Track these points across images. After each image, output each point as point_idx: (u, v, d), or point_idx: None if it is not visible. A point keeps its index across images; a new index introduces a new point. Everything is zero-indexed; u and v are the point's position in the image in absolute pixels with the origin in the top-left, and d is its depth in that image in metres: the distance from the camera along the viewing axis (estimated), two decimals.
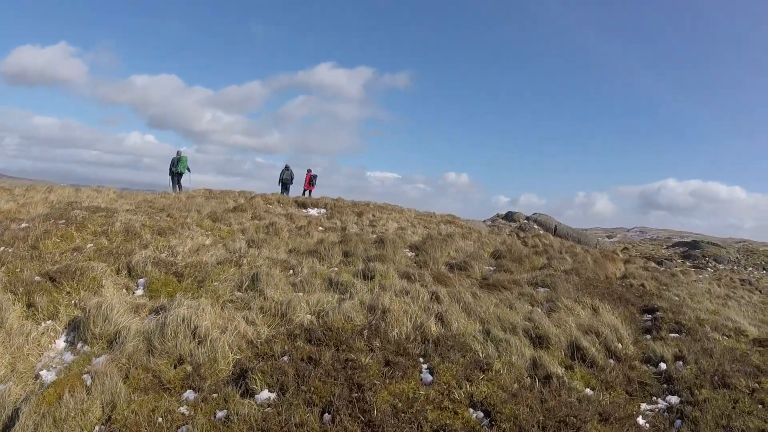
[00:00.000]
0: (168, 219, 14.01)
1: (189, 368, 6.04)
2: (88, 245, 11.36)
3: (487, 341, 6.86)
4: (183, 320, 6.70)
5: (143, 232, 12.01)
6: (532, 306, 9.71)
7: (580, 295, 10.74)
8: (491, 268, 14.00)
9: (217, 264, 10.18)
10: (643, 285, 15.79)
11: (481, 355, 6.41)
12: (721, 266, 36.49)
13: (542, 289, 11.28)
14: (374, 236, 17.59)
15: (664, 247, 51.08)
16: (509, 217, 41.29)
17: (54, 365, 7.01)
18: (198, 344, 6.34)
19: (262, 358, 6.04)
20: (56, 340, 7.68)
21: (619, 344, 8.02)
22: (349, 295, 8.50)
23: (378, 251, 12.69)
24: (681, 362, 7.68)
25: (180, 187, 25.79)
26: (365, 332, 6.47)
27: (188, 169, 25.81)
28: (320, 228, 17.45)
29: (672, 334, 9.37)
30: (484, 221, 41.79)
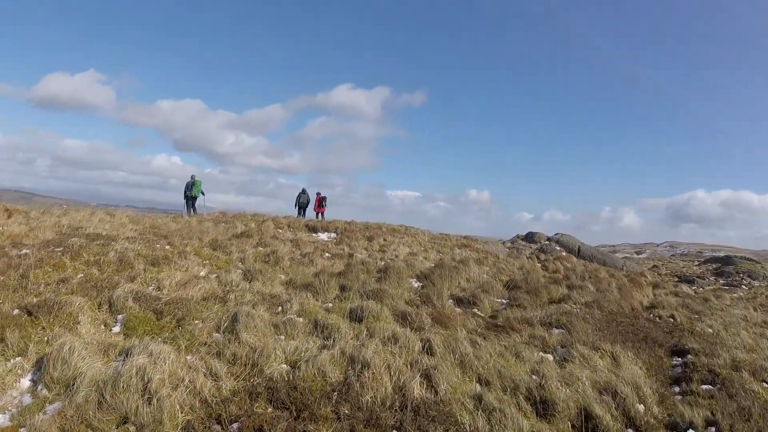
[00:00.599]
0: (168, 247, 13.41)
1: (132, 429, 5.28)
2: (78, 275, 10.77)
3: (478, 410, 5.76)
4: (137, 372, 5.94)
5: (136, 262, 11.38)
6: (544, 352, 8.70)
7: (599, 339, 9.55)
8: (503, 302, 13.07)
9: (202, 300, 9.45)
10: (672, 316, 14.13)
11: (468, 428, 5.43)
12: (756, 283, 34.46)
13: (557, 331, 10.06)
14: (382, 263, 16.80)
15: (696, 263, 49.21)
16: (530, 237, 39.95)
17: (11, 407, 6.35)
18: (147, 401, 5.56)
19: (213, 421, 5.23)
20: (21, 379, 7.02)
21: (641, 406, 6.76)
22: (332, 341, 7.64)
23: (379, 284, 11.83)
24: (713, 429, 6.49)
25: (194, 210, 25.66)
26: (335, 394, 5.57)
27: (202, 193, 25.78)
28: (326, 255, 16.70)
29: (704, 386, 8.07)
30: (504, 242, 40.61)
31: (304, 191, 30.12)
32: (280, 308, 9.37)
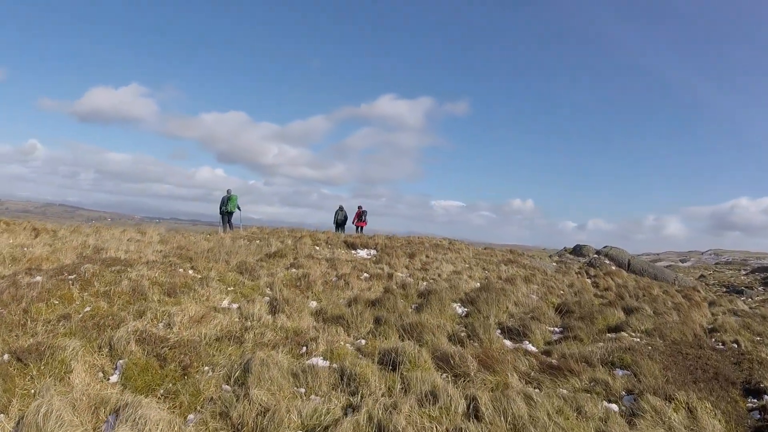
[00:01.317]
0: (191, 272, 12.20)
1: None
2: (85, 309, 9.60)
3: None
4: None
5: (151, 293, 10.17)
6: (609, 401, 6.98)
7: (668, 381, 7.85)
8: (556, 330, 11.36)
9: (216, 340, 8.08)
10: (736, 342, 12.19)
11: None
12: None
13: (620, 372, 8.13)
14: (424, 283, 15.31)
15: (743, 272, 46.93)
16: (578, 251, 37.73)
17: None
18: None
19: None
20: None
21: None
22: (360, 397, 6.11)
23: (418, 315, 10.29)
24: None
25: (230, 226, 25.08)
26: None
27: (238, 208, 25.38)
28: (364, 275, 15.25)
29: None
30: (551, 256, 38.59)
31: (341, 208, 29.79)
32: (304, 348, 7.89)
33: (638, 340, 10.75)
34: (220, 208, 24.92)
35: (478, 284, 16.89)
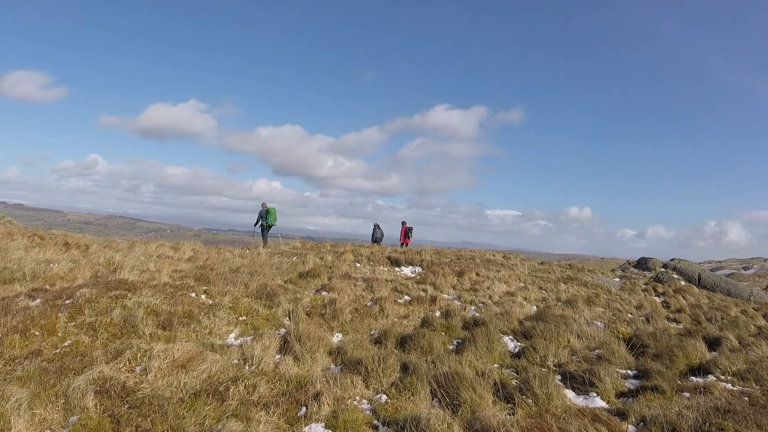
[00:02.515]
0: (203, 297, 10.51)
1: None
2: (66, 342, 8.08)
3: None
4: None
5: (143, 325, 8.50)
6: None
7: None
8: (630, 375, 8.99)
9: (193, 395, 6.21)
10: None
11: None
12: None
13: None
14: (472, 308, 13.21)
15: None
16: (643, 264, 34.31)
17: None
18: None
19: None
20: None
21: None
22: None
23: (459, 357, 8.16)
24: None
25: (265, 241, 23.97)
26: None
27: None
28: (404, 298, 13.26)
29: None
30: (613, 270, 35.44)
31: (378, 226, 28.57)
32: (303, 409, 5.92)
33: (730, 386, 8.34)
34: (260, 223, 23.89)
35: (535, 308, 14.63)
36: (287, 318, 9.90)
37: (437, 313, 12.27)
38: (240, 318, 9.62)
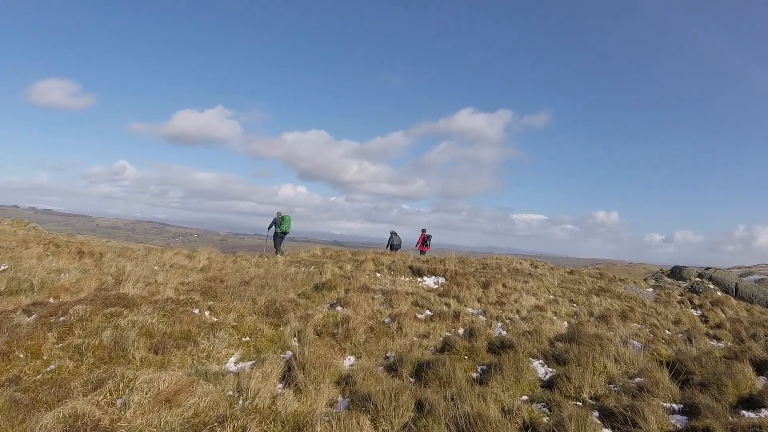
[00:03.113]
0: (207, 314, 9.70)
1: None
2: (49, 367, 7.35)
3: None
4: None
5: (134, 348, 7.69)
6: None
7: None
8: (675, 409, 7.88)
9: None
10: None
11: None
12: None
13: None
14: (498, 325, 12.19)
15: None
16: (677, 274, 32.55)
17: None
18: None
19: None
20: None
21: None
22: None
23: (483, 386, 7.12)
24: None
25: (277, 249, 23.51)
26: None
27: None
28: (425, 313, 12.29)
29: None
30: (646, 279, 33.83)
31: (395, 233, 28.03)
32: None
33: None
34: (273, 229, 23.69)
35: (566, 324, 13.51)
36: (295, 338, 8.98)
37: (460, 331, 11.26)
38: (243, 339, 8.74)
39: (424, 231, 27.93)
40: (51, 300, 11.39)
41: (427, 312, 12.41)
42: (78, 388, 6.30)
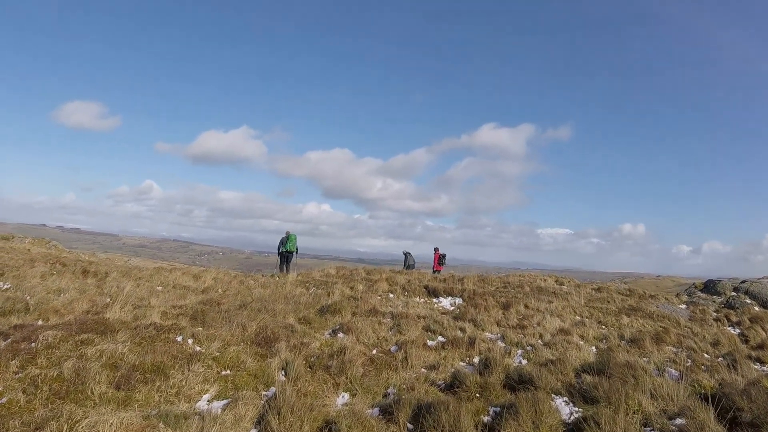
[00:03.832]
0: (190, 342, 8.69)
1: None
2: (1, 400, 6.28)
3: None
4: None
5: (94, 383, 6.69)
6: None
7: None
8: None
9: None
10: None
11: None
12: None
13: None
14: (518, 352, 10.97)
15: None
16: (711, 288, 30.40)
17: None
18: None
19: None
20: None
21: None
22: None
23: None
24: None
25: (287, 268, 23.03)
26: None
27: (296, 249, 23.78)
28: (438, 339, 11.12)
29: None
30: (678, 295, 31.93)
31: (409, 254, 28.01)
32: None
33: None
34: (278, 249, 23.39)
35: (594, 350, 12.18)
36: (282, 372, 7.87)
37: (475, 360, 10.05)
38: (222, 372, 7.66)
39: (437, 250, 27.22)
40: (39, 322, 10.65)
41: (440, 338, 11.22)
42: (17, 428, 5.29)
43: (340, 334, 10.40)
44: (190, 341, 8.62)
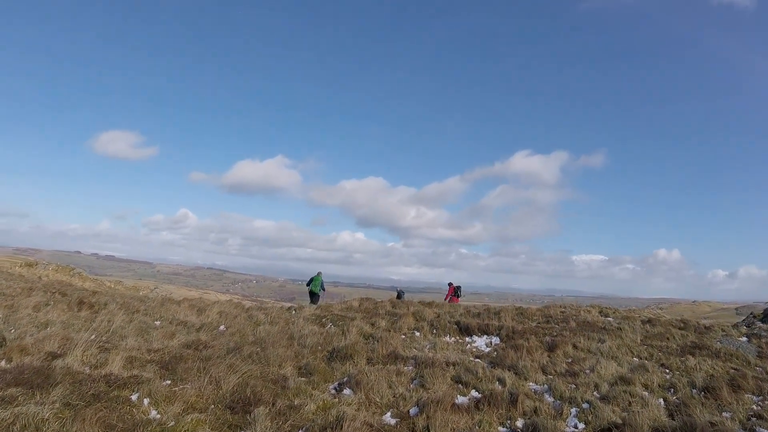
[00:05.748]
0: (146, 402, 6.48)
1: None
2: None
3: None
4: None
5: None
6: None
7: None
8: None
9: None
10: None
11: None
12: None
13: None
14: (573, 411, 8.56)
15: None
16: None
17: None
18: None
19: None
20: None
21: None
22: None
23: None
24: None
25: (316, 303, 23.48)
26: None
27: (323, 288, 25.00)
28: (471, 394, 8.71)
29: None
30: (736, 326, 28.56)
31: (402, 292, 27.33)
32: None
33: None
34: (308, 285, 24.81)
35: (662, 403, 9.56)
36: None
37: (518, 423, 7.67)
38: None
39: (451, 285, 26.65)
40: (2, 363, 8.76)
41: (473, 393, 8.81)
42: None
43: (347, 391, 8.06)
44: (146, 401, 6.47)
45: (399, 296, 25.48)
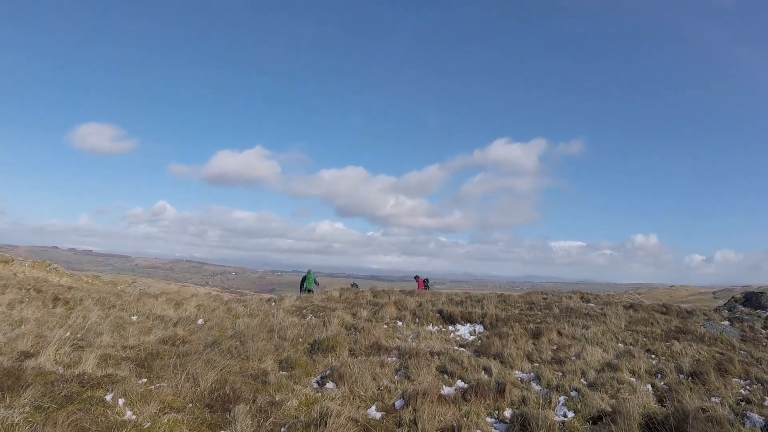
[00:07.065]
0: (122, 401, 6.24)
1: None
2: None
3: None
4: None
5: None
6: None
7: None
8: None
9: None
10: None
11: None
12: None
13: None
14: (561, 400, 8.45)
15: None
16: (753, 301, 26.64)
17: None
18: None
19: None
20: None
21: None
22: None
23: None
24: None
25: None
26: None
27: (316, 283, 25.86)
28: (456, 385, 8.57)
29: None
30: (717, 310, 28.78)
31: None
32: None
33: None
34: (300, 287, 25.37)
35: (650, 388, 9.54)
36: None
37: (506, 414, 7.55)
38: None
39: (418, 278, 28.13)
40: None
41: (459, 383, 8.69)
42: None
43: (330, 384, 7.87)
44: (120, 402, 6.20)
45: (353, 285, 26.24)
